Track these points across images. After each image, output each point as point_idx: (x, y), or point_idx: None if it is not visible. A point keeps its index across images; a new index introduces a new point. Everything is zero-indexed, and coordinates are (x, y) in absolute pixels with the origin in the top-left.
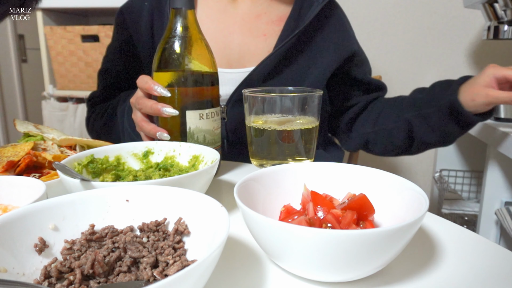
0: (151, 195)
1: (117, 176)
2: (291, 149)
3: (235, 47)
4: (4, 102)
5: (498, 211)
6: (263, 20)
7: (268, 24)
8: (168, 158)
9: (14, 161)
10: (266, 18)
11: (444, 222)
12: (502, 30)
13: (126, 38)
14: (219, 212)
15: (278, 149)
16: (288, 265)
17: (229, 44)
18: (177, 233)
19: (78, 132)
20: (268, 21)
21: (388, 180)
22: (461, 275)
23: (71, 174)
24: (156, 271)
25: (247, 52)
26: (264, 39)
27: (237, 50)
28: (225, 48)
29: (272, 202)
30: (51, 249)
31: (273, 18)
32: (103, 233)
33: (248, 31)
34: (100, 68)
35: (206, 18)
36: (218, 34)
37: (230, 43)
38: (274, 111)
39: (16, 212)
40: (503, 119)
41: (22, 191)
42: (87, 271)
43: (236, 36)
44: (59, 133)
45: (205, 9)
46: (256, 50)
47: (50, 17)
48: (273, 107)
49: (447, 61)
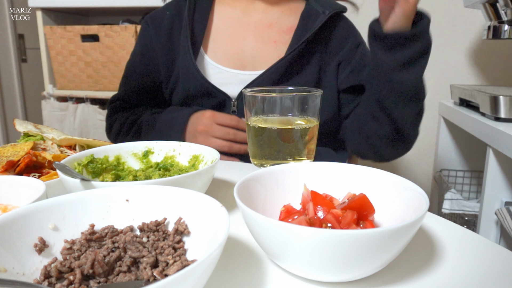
0: (151, 195)
1: (117, 176)
2: (291, 149)
3: (248, 51)
4: (4, 102)
5: (498, 211)
6: (274, 29)
7: (278, 32)
8: (168, 158)
9: (14, 161)
10: (277, 27)
11: (444, 222)
12: (502, 30)
13: (147, 43)
14: (219, 212)
15: (278, 149)
16: (288, 265)
17: (243, 48)
18: (177, 233)
19: (78, 132)
20: (278, 30)
21: (388, 180)
22: (461, 275)
23: (71, 174)
24: (156, 271)
25: (259, 56)
26: (274, 46)
27: (250, 54)
28: (238, 51)
29: (272, 202)
30: (51, 249)
31: (283, 28)
32: (103, 233)
33: (260, 37)
34: (123, 73)
35: (223, 25)
36: (233, 39)
37: (244, 47)
38: (274, 111)
39: (16, 212)
40: (503, 119)
41: (22, 191)
42: (87, 271)
43: (249, 42)
44: (59, 132)
45: (222, 17)
46: (267, 55)
47: (50, 17)
48: (273, 107)
49: (447, 61)
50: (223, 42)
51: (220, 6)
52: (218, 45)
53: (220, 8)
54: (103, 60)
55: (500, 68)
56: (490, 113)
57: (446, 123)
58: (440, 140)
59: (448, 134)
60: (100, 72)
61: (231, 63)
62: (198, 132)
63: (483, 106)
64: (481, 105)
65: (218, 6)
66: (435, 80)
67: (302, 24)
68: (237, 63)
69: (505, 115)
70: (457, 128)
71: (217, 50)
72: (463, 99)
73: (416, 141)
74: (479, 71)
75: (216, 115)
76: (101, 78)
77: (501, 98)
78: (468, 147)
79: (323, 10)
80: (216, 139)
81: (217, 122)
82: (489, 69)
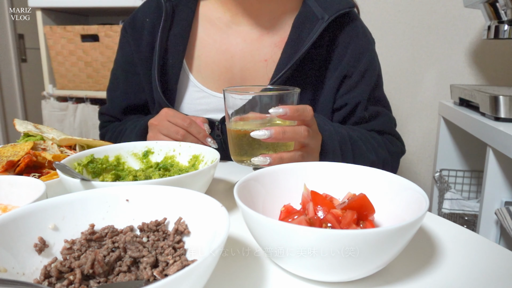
0: (151, 195)
1: (117, 176)
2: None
3: (237, 72)
4: (4, 102)
5: (498, 211)
6: (266, 42)
7: (270, 47)
8: (168, 157)
9: (14, 161)
10: (269, 40)
11: (444, 222)
12: (502, 30)
13: (128, 55)
14: (219, 212)
15: (258, 148)
16: (288, 265)
17: (230, 69)
18: (177, 233)
19: (78, 132)
20: (270, 43)
21: (388, 180)
22: (461, 275)
23: (72, 174)
24: (156, 271)
25: (249, 78)
26: (265, 65)
27: (239, 75)
28: (226, 73)
29: (272, 202)
30: (51, 249)
31: (276, 40)
32: (103, 233)
33: (249, 54)
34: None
35: (208, 38)
36: (220, 57)
37: (232, 68)
38: (254, 110)
39: (16, 211)
40: (503, 119)
41: (22, 190)
42: (87, 271)
43: (237, 61)
44: (59, 132)
45: (207, 27)
46: (256, 77)
47: (49, 17)
48: (253, 106)
49: (447, 61)
50: (209, 59)
51: (205, 9)
52: (204, 63)
53: (205, 13)
54: (103, 60)
55: (500, 68)
56: (490, 113)
57: (446, 123)
58: (440, 140)
59: (448, 134)
60: (100, 72)
61: (217, 85)
62: (150, 126)
63: (483, 106)
64: (481, 105)
65: (203, 9)
66: (435, 80)
67: (294, 34)
68: (226, 86)
69: (505, 115)
70: (457, 128)
71: (203, 68)
72: (463, 99)
73: (416, 141)
74: (479, 71)
75: (169, 113)
76: (101, 78)
77: (501, 98)
78: (468, 147)
79: (322, 14)
80: (163, 135)
81: (168, 119)
82: (489, 69)
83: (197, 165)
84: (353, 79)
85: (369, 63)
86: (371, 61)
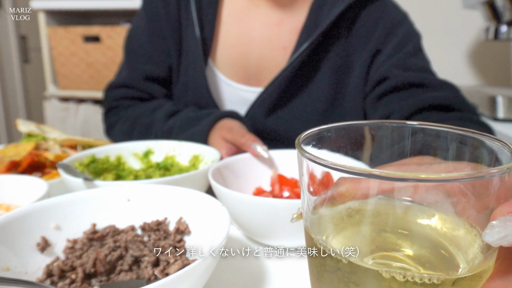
0: (152, 195)
1: (118, 176)
2: None
3: (253, 60)
4: (7, 102)
5: None
6: (285, 28)
7: (290, 33)
8: (169, 157)
9: (16, 161)
10: (289, 26)
11: None
12: (501, 31)
13: (155, 17)
14: (220, 211)
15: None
16: (251, 234)
17: (247, 56)
18: (178, 233)
19: (80, 132)
20: (290, 29)
21: None
22: None
23: (74, 174)
24: (157, 270)
25: (265, 67)
26: (283, 53)
27: (255, 64)
28: (242, 59)
29: (246, 186)
30: (53, 248)
31: (296, 26)
32: (105, 232)
33: (268, 40)
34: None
35: (229, 18)
36: (237, 41)
37: (248, 55)
38: None
39: (18, 211)
40: (501, 119)
41: (24, 190)
42: (89, 270)
43: (255, 47)
44: (61, 133)
45: (230, 7)
46: (274, 66)
47: (52, 18)
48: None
49: (446, 61)
50: (226, 42)
51: None
52: (221, 45)
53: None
54: (105, 60)
55: (499, 69)
56: (488, 114)
57: None
58: None
59: None
60: (102, 72)
61: (235, 74)
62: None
63: (481, 107)
64: (479, 105)
65: None
66: None
67: (311, 18)
68: (241, 74)
69: (503, 116)
70: None
71: (223, 56)
72: None
73: None
74: (477, 72)
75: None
76: (103, 78)
77: (499, 98)
78: None
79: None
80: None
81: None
82: (487, 70)
83: (197, 164)
84: (387, 51)
85: (407, 32)
86: (409, 29)
